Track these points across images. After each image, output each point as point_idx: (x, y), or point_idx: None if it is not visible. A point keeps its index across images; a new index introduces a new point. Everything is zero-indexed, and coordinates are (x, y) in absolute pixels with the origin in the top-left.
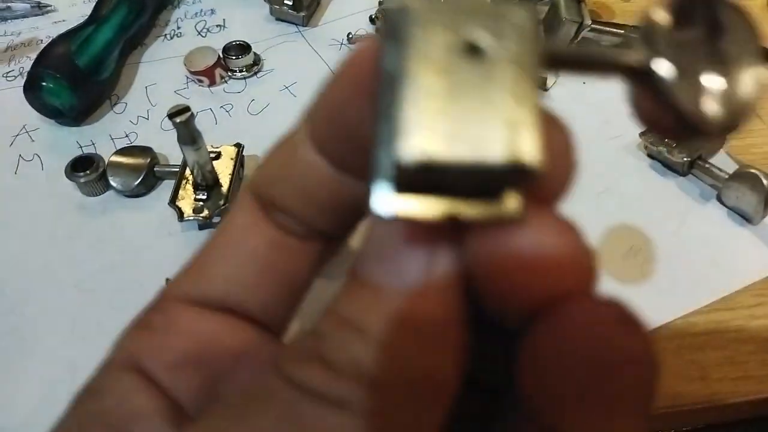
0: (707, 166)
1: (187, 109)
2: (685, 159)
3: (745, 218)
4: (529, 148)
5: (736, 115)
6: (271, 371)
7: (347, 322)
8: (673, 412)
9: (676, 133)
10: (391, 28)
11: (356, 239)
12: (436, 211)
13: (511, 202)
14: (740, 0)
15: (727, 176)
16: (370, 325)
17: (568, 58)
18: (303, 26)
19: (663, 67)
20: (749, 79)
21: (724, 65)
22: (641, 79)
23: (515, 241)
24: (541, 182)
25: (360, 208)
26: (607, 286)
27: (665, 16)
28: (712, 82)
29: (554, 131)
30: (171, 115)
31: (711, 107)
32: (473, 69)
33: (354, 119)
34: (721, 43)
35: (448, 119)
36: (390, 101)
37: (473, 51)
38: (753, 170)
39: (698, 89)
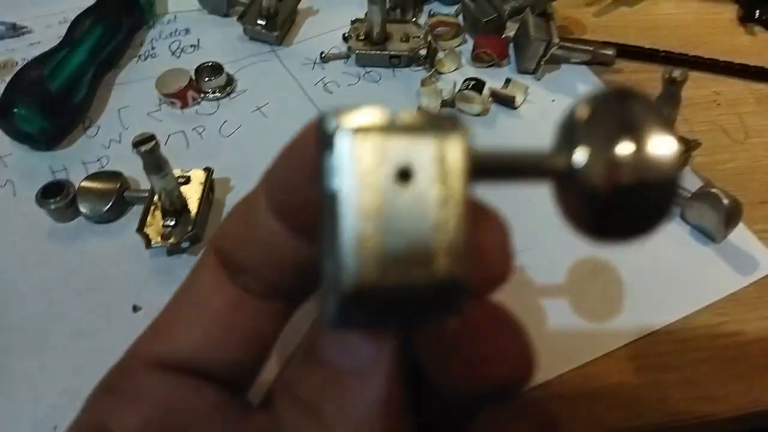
0: None
1: (151, 137)
2: None
3: (708, 236)
4: (455, 272)
5: (656, 206)
6: None
7: (302, 403)
8: None
9: (600, 229)
10: (326, 141)
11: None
12: (381, 320)
13: (451, 306)
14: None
15: (689, 195)
16: (325, 408)
17: (494, 169)
18: (277, 45)
19: (581, 164)
20: (664, 165)
21: (641, 158)
22: (564, 181)
23: (452, 340)
24: (479, 278)
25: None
26: (569, 307)
27: (584, 111)
28: (629, 173)
29: (490, 228)
30: (135, 144)
31: (629, 197)
32: (405, 194)
33: (305, 194)
34: (635, 135)
35: (381, 248)
36: (330, 226)
37: (405, 175)
38: (713, 189)
39: (616, 183)
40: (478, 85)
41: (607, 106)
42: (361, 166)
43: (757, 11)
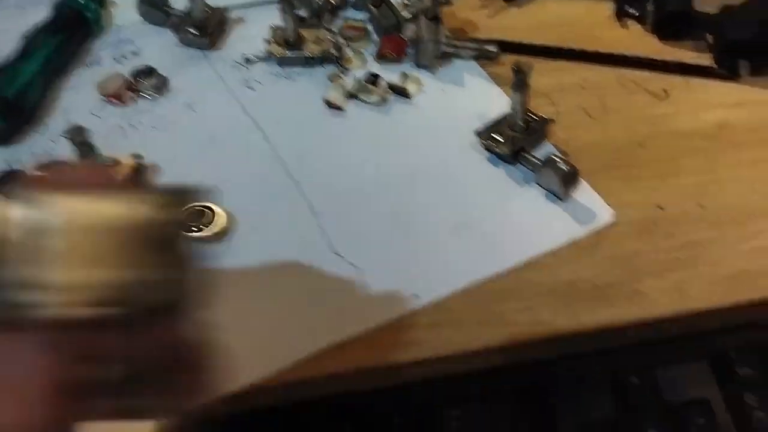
0: (527, 156)
1: (80, 128)
2: (506, 152)
3: (556, 196)
4: None
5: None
6: None
7: None
8: (470, 352)
9: None
10: None
11: None
12: None
13: None
14: None
15: (540, 163)
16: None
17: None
18: (208, 50)
19: None
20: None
21: None
22: None
23: None
24: None
25: None
26: (442, 254)
27: None
28: None
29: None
30: (65, 133)
31: None
32: None
33: None
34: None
35: None
36: None
37: None
38: (553, 156)
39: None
40: (374, 79)
41: None
42: None
43: (628, 7)
